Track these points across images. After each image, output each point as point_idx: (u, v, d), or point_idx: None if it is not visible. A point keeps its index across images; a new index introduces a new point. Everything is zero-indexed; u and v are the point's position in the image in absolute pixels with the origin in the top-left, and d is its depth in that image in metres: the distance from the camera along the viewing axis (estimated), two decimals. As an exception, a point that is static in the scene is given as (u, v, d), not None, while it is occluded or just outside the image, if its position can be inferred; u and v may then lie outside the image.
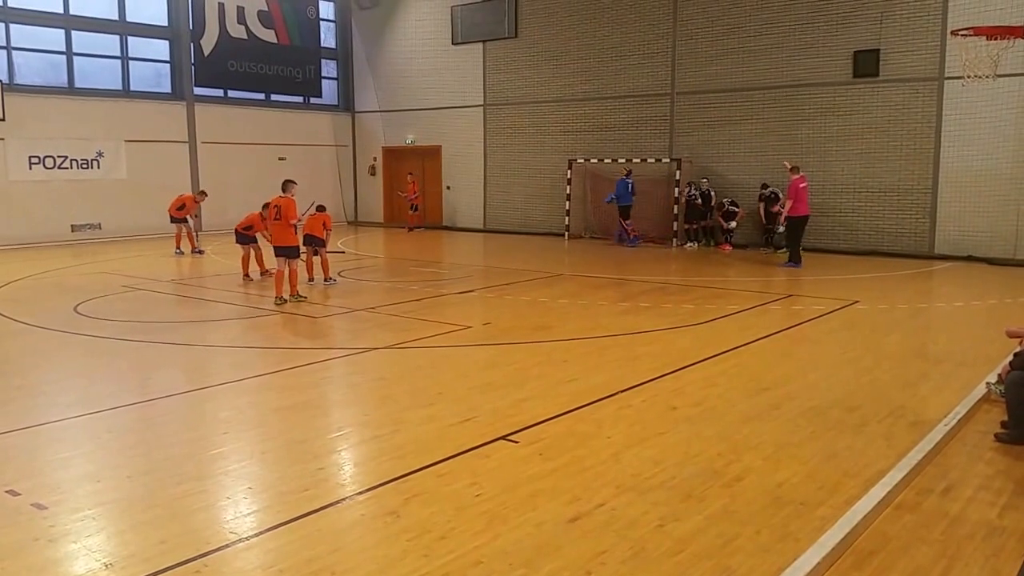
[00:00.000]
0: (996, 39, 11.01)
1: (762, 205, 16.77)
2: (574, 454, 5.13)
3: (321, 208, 12.47)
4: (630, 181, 17.90)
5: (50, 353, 8.33)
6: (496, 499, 4.42)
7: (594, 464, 4.96)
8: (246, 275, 13.01)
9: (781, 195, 16.39)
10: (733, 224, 17.24)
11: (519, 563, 3.71)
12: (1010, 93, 14.38)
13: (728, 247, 17.33)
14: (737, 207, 17.17)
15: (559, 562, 3.72)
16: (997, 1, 14.07)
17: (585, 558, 3.76)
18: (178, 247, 16.42)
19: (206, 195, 17.38)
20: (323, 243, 12.41)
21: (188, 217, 16.52)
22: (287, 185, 10.94)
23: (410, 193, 22.28)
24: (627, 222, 18.09)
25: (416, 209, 22.45)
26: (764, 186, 16.76)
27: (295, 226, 10.84)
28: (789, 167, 14.74)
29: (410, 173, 22.70)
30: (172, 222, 16.49)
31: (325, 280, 12.40)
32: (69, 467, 4.97)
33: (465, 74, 21.91)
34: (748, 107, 17.48)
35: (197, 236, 16.96)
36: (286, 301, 10.63)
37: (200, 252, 16.45)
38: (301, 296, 10.88)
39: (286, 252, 10.69)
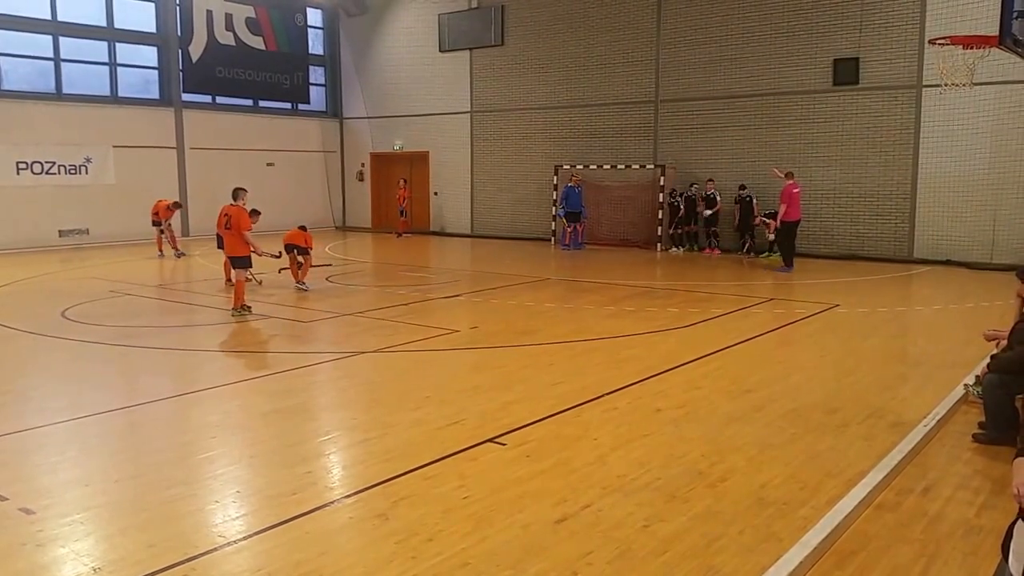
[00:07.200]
0: (972, 48, 11.17)
1: (738, 208, 16.95)
2: (560, 456, 5.18)
3: (302, 228, 12.74)
4: (579, 189, 18.59)
5: (38, 358, 8.30)
6: (483, 501, 4.46)
7: (580, 466, 5.01)
8: (228, 280, 12.98)
9: (755, 200, 16.59)
10: (710, 214, 17.37)
11: (506, 564, 3.75)
12: (986, 101, 14.60)
13: (716, 251, 17.47)
14: (715, 202, 17.37)
15: (546, 563, 3.76)
16: (973, 11, 14.29)
17: (571, 559, 3.80)
18: (173, 249, 17.05)
19: (180, 206, 18.03)
20: (306, 251, 12.47)
21: (163, 221, 16.96)
22: (238, 193, 10.39)
23: (400, 199, 22.28)
24: (578, 226, 18.74)
25: (404, 214, 22.48)
26: (741, 187, 16.93)
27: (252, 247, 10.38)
28: (783, 174, 14.89)
29: (403, 179, 22.71)
30: (153, 225, 17.27)
31: (297, 283, 12.40)
32: (57, 471, 4.96)
33: (452, 81, 21.98)
34: (730, 114, 17.65)
35: (170, 240, 17.13)
36: (247, 310, 10.19)
37: (180, 255, 16.98)
38: (246, 308, 10.19)
39: (236, 263, 10.39)
